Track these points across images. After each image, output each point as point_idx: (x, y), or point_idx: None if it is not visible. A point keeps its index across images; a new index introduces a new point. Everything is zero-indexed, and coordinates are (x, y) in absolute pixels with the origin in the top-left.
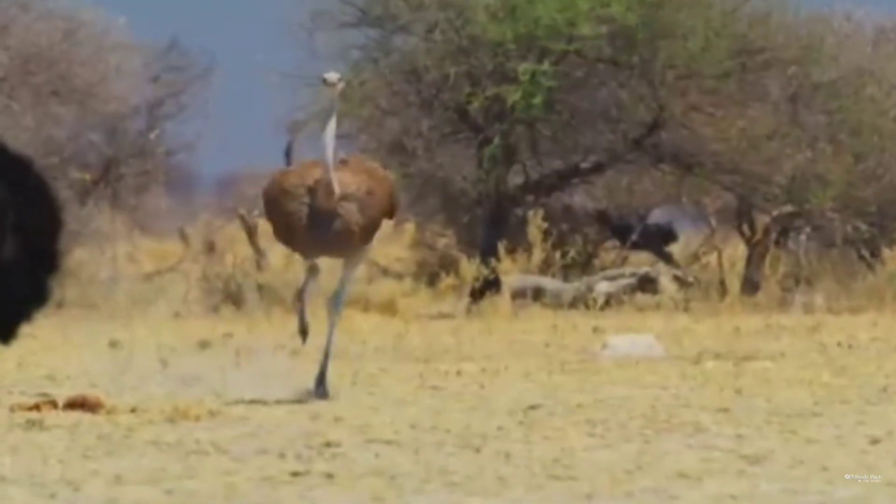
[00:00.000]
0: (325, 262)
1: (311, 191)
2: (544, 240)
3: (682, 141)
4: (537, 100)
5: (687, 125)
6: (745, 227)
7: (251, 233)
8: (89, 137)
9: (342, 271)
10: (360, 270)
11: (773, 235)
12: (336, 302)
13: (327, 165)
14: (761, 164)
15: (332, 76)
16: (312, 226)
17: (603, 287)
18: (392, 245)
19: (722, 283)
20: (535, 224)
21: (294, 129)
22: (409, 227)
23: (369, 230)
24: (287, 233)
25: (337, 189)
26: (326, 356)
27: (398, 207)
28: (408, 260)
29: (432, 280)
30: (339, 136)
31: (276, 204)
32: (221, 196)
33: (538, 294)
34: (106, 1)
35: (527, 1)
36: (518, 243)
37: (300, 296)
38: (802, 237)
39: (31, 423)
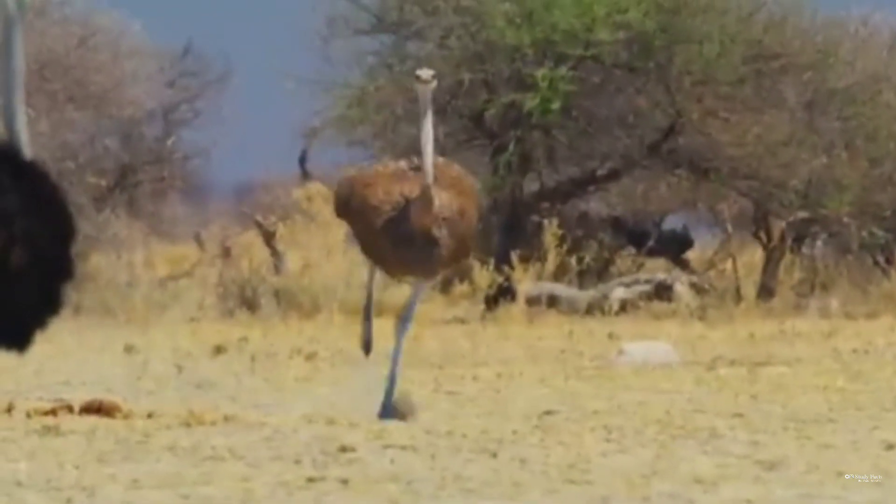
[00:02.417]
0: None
1: (403, 207)
2: (559, 246)
3: (699, 146)
4: (555, 105)
5: (703, 131)
6: (762, 233)
7: (269, 237)
8: (105, 143)
9: (413, 288)
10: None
11: (789, 241)
12: (405, 320)
13: (427, 171)
14: (777, 169)
15: (425, 73)
16: (403, 247)
17: (619, 293)
18: None
19: (738, 289)
20: (551, 231)
21: (310, 135)
22: None
23: (459, 253)
24: (372, 250)
25: (436, 203)
26: (393, 377)
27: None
28: None
29: (446, 287)
30: (354, 143)
31: (362, 219)
32: (237, 202)
33: (553, 301)
34: (121, 6)
35: (544, 6)
36: (533, 250)
37: (366, 313)
38: (818, 243)
39: (47, 429)
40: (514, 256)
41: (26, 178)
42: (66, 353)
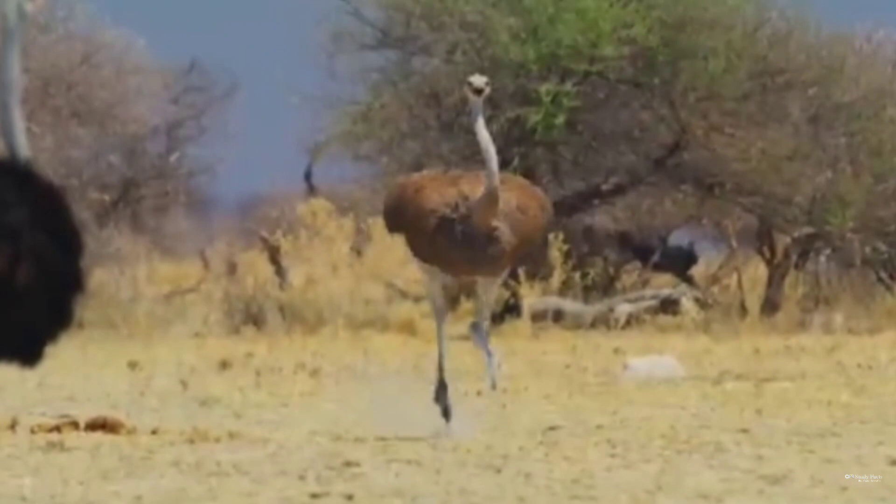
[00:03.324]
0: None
1: (463, 207)
2: (565, 262)
3: (704, 162)
4: (559, 121)
5: (708, 146)
6: (766, 249)
7: (273, 252)
8: (109, 159)
9: (480, 294)
10: (496, 294)
11: (794, 257)
12: (479, 330)
13: (493, 173)
14: (782, 185)
15: (478, 80)
16: (464, 245)
17: (624, 308)
18: (411, 267)
19: (742, 304)
20: (556, 246)
21: (315, 150)
22: None
23: (520, 251)
24: (430, 251)
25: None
26: (494, 383)
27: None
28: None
29: (451, 303)
30: (360, 159)
31: (418, 224)
32: (242, 217)
33: (559, 316)
34: (126, 22)
35: (549, 22)
36: (539, 265)
37: (441, 350)
38: (822, 258)
39: (51, 445)
40: (520, 271)
41: (33, 190)
42: (69, 369)
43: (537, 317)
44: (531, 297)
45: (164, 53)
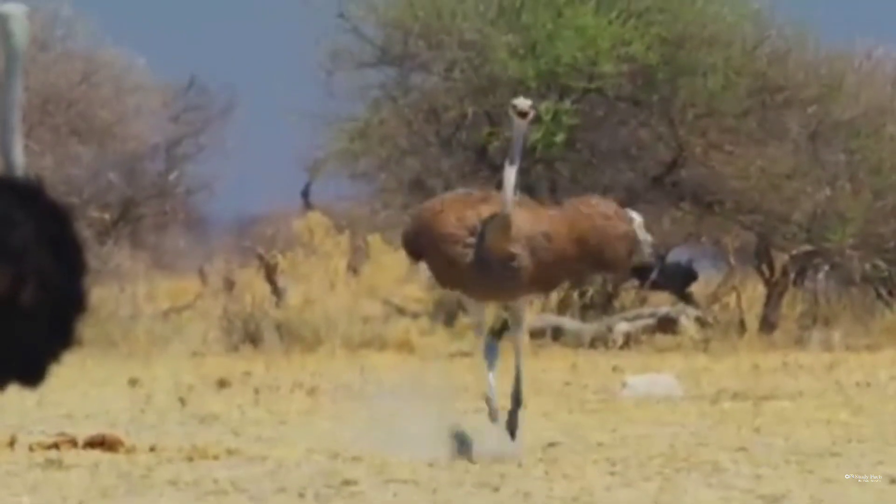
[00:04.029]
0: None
1: (481, 230)
2: None
3: (702, 179)
4: (559, 138)
5: (706, 164)
6: (764, 267)
7: (270, 271)
8: (108, 177)
9: (510, 317)
10: (527, 318)
11: (792, 275)
12: (516, 352)
13: (507, 200)
14: (781, 202)
15: (523, 103)
16: (479, 270)
17: (622, 327)
18: (409, 285)
19: (741, 322)
20: None
21: (313, 167)
22: None
23: (543, 278)
24: (452, 277)
25: (514, 225)
26: (515, 414)
27: (615, 261)
28: (425, 299)
29: (450, 319)
30: (358, 176)
31: (435, 248)
32: (240, 235)
33: (557, 334)
34: (125, 41)
35: (547, 39)
36: None
37: (489, 387)
38: (820, 275)
39: (50, 462)
40: None
41: (38, 209)
42: (68, 387)
43: (536, 334)
44: (530, 315)
45: (163, 71)
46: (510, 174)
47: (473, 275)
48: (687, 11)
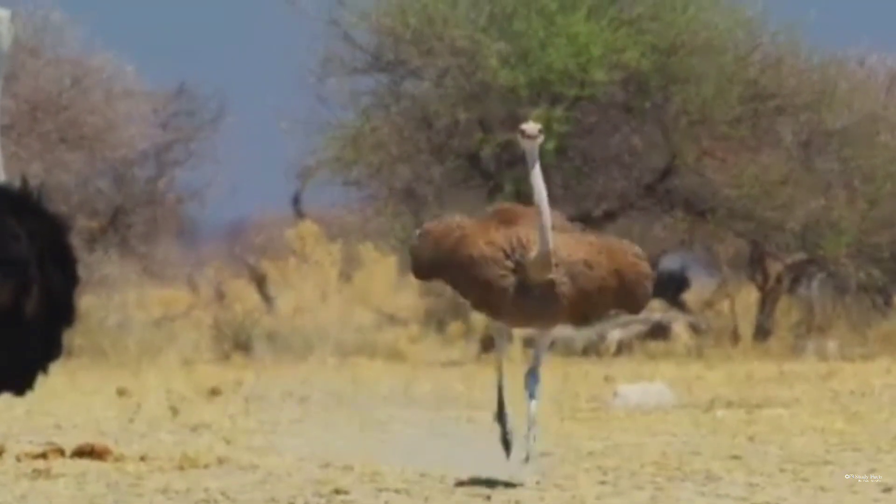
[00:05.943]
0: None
1: (518, 254)
2: None
3: (695, 187)
4: (550, 146)
5: (699, 171)
6: (758, 275)
7: (260, 281)
8: (97, 184)
9: (537, 338)
10: (550, 340)
11: (786, 283)
12: (533, 379)
13: (546, 238)
14: (774, 210)
15: (531, 127)
16: (519, 296)
17: (615, 334)
18: (400, 293)
19: (734, 330)
20: None
21: (304, 175)
22: None
23: (582, 308)
24: (480, 301)
25: (553, 260)
26: (532, 436)
27: (643, 300)
28: (416, 308)
29: (440, 327)
30: (349, 183)
31: (463, 272)
32: (230, 242)
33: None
34: (115, 47)
35: (539, 46)
36: None
37: (501, 408)
38: (815, 284)
39: (38, 472)
40: None
41: (36, 222)
42: (57, 396)
43: (528, 343)
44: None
45: (153, 78)
46: (543, 203)
47: (508, 302)
48: (679, 19)
